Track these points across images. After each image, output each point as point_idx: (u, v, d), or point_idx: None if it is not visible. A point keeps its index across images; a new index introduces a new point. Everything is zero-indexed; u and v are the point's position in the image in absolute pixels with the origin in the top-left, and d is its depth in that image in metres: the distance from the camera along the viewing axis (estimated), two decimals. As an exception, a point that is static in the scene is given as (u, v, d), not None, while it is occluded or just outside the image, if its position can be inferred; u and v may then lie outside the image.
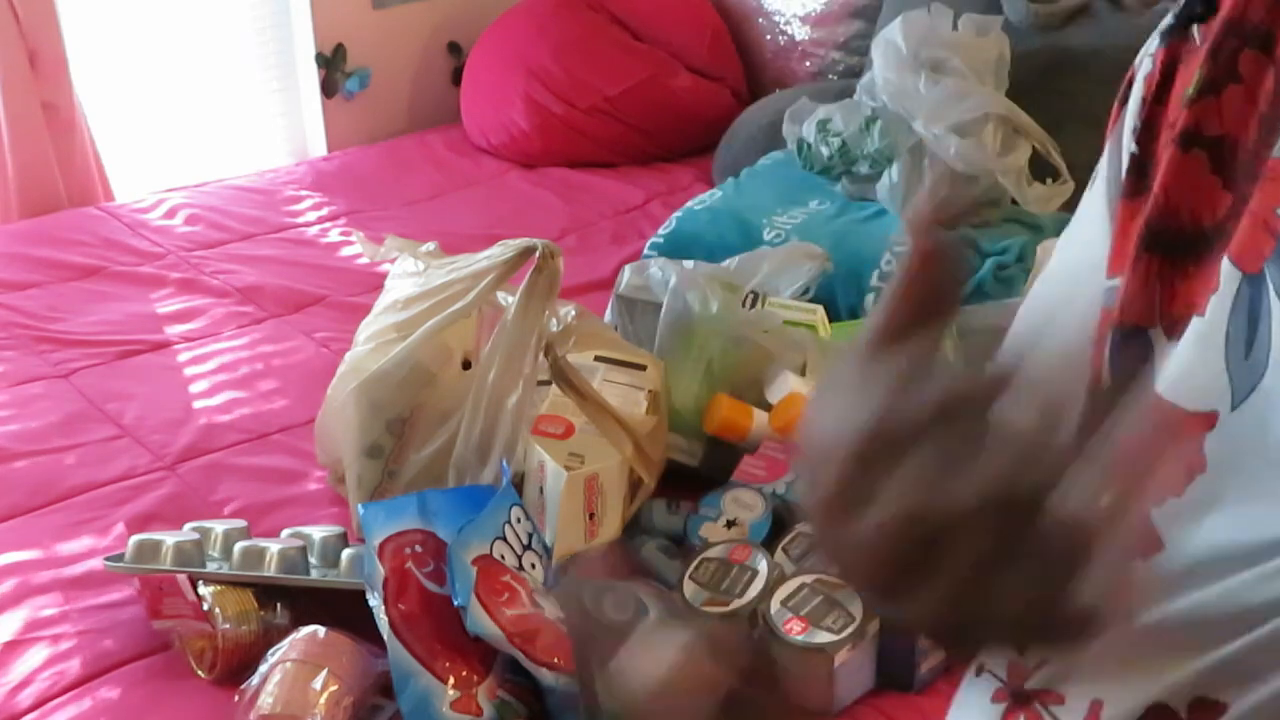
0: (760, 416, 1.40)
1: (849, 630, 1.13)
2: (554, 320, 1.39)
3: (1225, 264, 0.45)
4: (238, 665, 1.19)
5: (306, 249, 2.29)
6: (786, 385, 1.40)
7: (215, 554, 1.32)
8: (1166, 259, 0.48)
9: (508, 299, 1.38)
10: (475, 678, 1.11)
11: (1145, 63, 0.53)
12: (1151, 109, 0.51)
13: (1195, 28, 0.50)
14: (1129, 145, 0.52)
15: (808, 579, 1.18)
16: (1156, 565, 0.46)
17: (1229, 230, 0.46)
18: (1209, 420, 0.45)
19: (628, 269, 1.68)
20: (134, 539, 1.31)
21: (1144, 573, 0.45)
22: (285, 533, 1.38)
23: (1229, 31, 0.47)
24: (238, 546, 1.29)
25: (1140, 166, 0.51)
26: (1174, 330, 0.48)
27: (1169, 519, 0.46)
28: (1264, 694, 0.44)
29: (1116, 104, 0.55)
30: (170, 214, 2.39)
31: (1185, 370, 0.46)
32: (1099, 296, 0.53)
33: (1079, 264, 0.56)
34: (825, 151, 1.95)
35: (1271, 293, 0.44)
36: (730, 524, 1.30)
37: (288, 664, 1.12)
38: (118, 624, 1.31)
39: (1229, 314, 0.45)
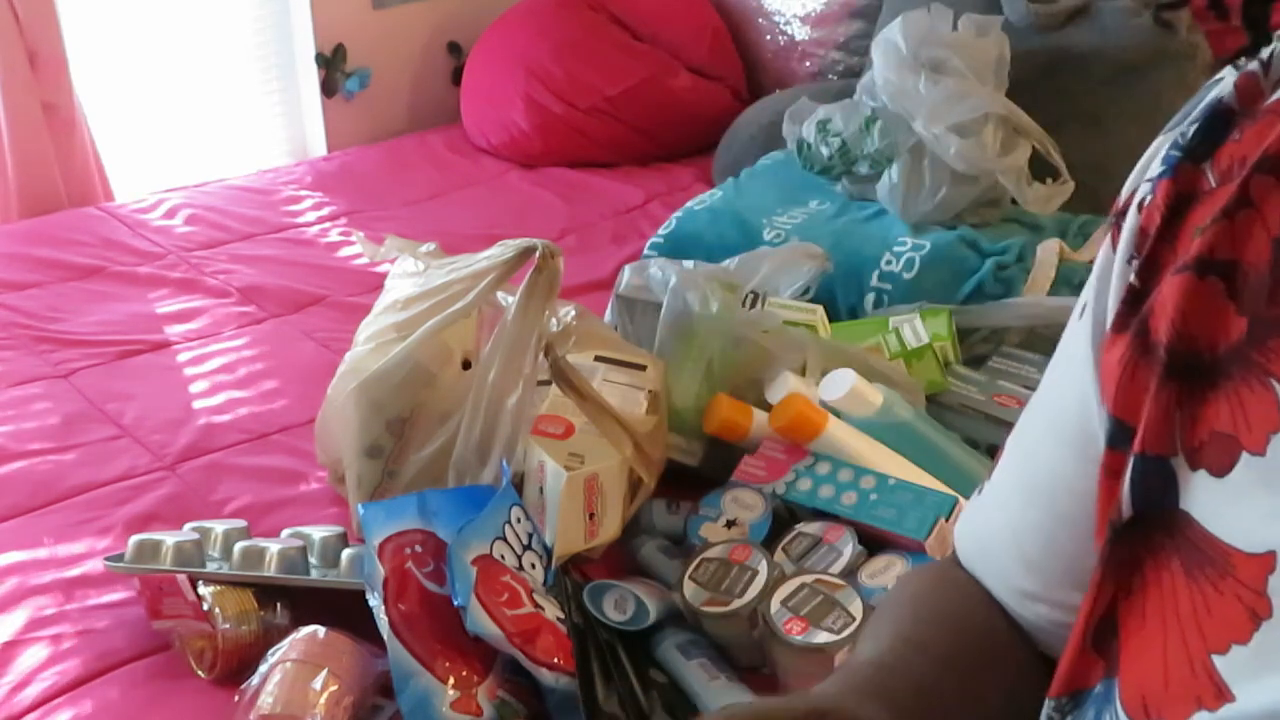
0: (760, 416, 1.40)
1: (849, 630, 1.13)
2: (554, 320, 1.39)
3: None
4: (238, 665, 1.19)
5: (306, 249, 2.29)
6: (786, 385, 1.40)
7: (215, 554, 1.32)
8: (1184, 387, 0.47)
9: (508, 299, 1.38)
10: (475, 678, 1.11)
11: (1143, 189, 0.52)
12: (1156, 245, 0.50)
13: (1209, 167, 0.49)
14: (1126, 276, 0.51)
15: (808, 579, 1.18)
16: (1223, 718, 0.43)
17: (1247, 356, 0.45)
18: (1268, 562, 0.43)
19: (628, 269, 1.68)
20: (134, 539, 1.31)
21: None
22: (285, 533, 1.38)
23: (1260, 168, 0.46)
24: (238, 546, 1.29)
25: (1137, 297, 0.50)
26: (1196, 459, 0.46)
27: (1236, 668, 0.43)
28: None
29: (1108, 230, 0.53)
30: (170, 214, 2.39)
31: (1239, 509, 0.44)
32: (1093, 429, 0.52)
33: (1066, 397, 0.55)
34: (825, 151, 1.95)
35: None
36: (730, 524, 1.30)
37: (288, 664, 1.12)
38: (118, 624, 1.31)
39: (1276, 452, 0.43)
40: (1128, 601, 0.48)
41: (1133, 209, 0.52)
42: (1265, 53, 0.50)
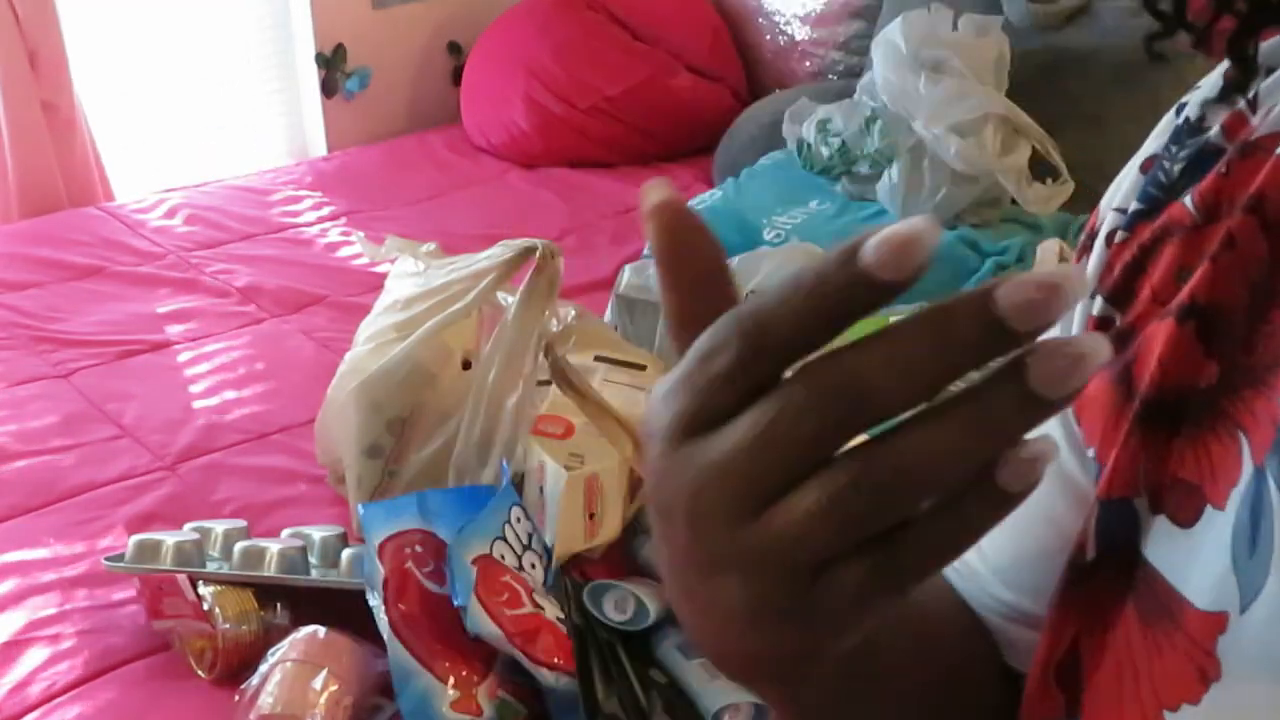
0: (760, 416, 1.39)
1: (849, 630, 1.13)
2: (554, 320, 1.39)
3: (1245, 457, 0.43)
4: (238, 665, 1.19)
5: (306, 249, 2.29)
6: (786, 385, 1.40)
7: (215, 554, 1.32)
8: (1154, 429, 0.46)
9: (508, 299, 1.38)
10: (475, 678, 1.11)
11: (1112, 218, 0.51)
12: (1127, 279, 0.49)
13: (1190, 199, 0.48)
14: (1089, 309, 0.50)
15: (808, 579, 1.18)
16: None
17: (1217, 404, 0.44)
18: (1219, 622, 0.42)
19: (628, 269, 1.68)
20: (134, 539, 1.31)
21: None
22: (285, 533, 1.38)
23: (1245, 209, 0.45)
24: (238, 546, 1.29)
25: (1115, 334, 0.49)
26: (1159, 503, 0.45)
27: None
28: None
29: (1080, 250, 0.52)
30: (170, 214, 2.39)
31: (1197, 565, 0.43)
32: (1069, 462, 0.51)
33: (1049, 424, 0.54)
34: (825, 151, 1.95)
35: (1272, 486, 0.41)
36: (730, 524, 1.30)
37: (288, 664, 1.12)
38: (118, 624, 1.31)
39: (1236, 508, 0.42)
40: (1089, 640, 0.47)
41: (1100, 240, 0.51)
42: (1250, 89, 0.49)
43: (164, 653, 1.27)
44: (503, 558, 1.16)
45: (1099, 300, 0.50)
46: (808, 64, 2.64)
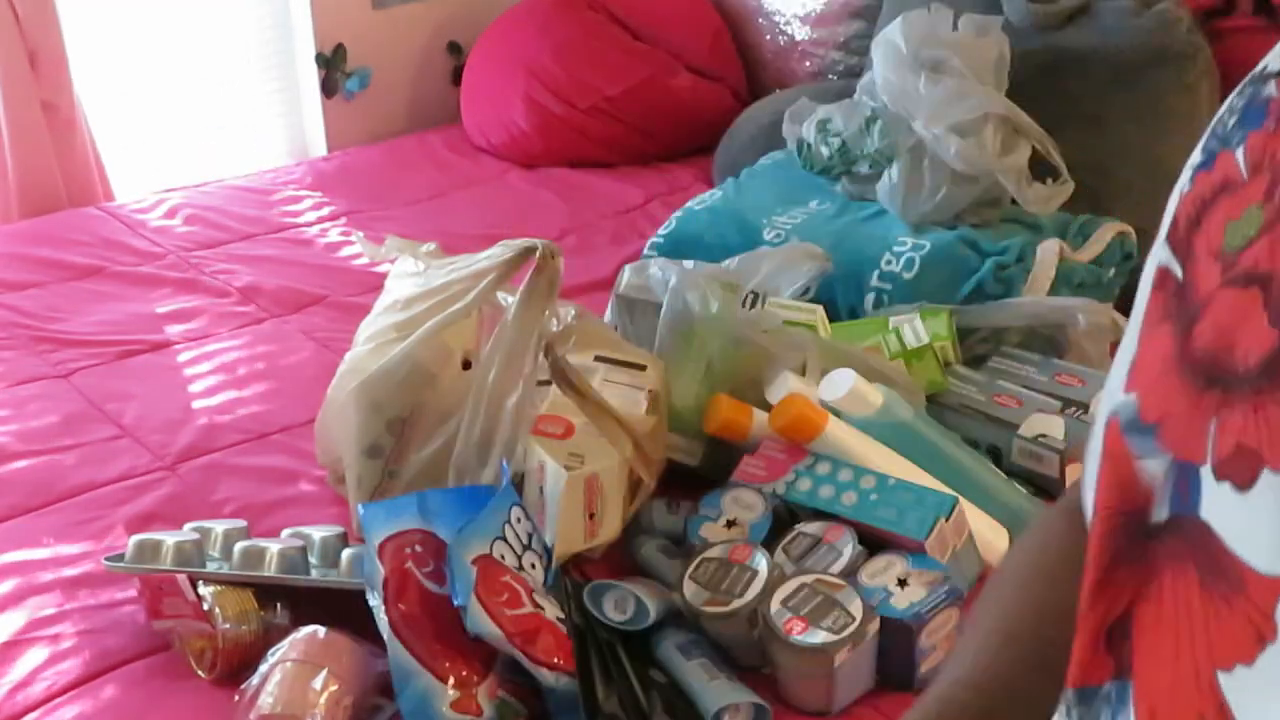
0: (760, 416, 1.40)
1: (849, 630, 1.13)
2: (554, 320, 1.39)
3: None
4: (238, 665, 1.19)
5: (306, 249, 2.29)
6: (786, 385, 1.40)
7: (215, 554, 1.32)
8: (1222, 397, 0.47)
9: (508, 299, 1.38)
10: (475, 678, 1.11)
11: (1183, 175, 0.52)
12: (1188, 233, 0.50)
13: (1240, 154, 0.49)
14: (1159, 256, 0.52)
15: (808, 579, 1.18)
16: None
17: (1275, 370, 0.45)
18: (1279, 586, 0.43)
19: (628, 269, 1.68)
20: (134, 539, 1.31)
21: None
22: (285, 533, 1.38)
23: None
24: (238, 546, 1.29)
25: (1176, 289, 0.50)
26: (1222, 470, 0.46)
27: (1239, 688, 0.43)
28: None
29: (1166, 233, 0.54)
30: (170, 214, 2.39)
31: (1256, 528, 0.44)
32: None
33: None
34: (825, 151, 1.95)
35: None
36: (730, 524, 1.30)
37: (288, 664, 1.12)
38: (118, 624, 1.31)
39: None
40: (1144, 604, 0.48)
41: (1175, 193, 0.52)
42: None
43: (164, 653, 1.27)
44: (503, 558, 1.16)
45: (1166, 250, 0.51)
46: (808, 64, 2.64)
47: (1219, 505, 0.45)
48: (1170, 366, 0.49)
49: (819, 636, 1.12)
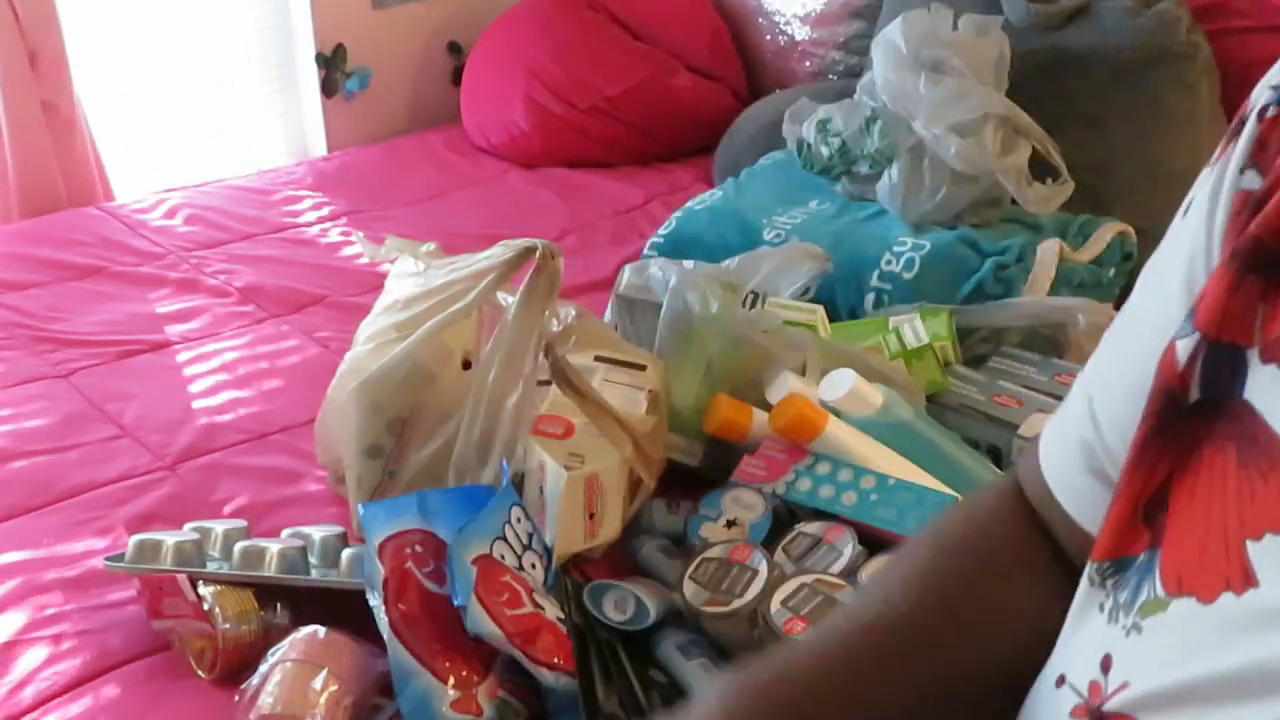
0: (760, 416, 1.40)
1: (849, 630, 1.13)
2: (554, 320, 1.39)
3: None
4: (238, 665, 1.19)
5: (306, 249, 2.29)
6: (786, 385, 1.40)
7: (215, 554, 1.32)
8: (1272, 282, 0.48)
9: (508, 299, 1.38)
10: (475, 678, 1.11)
11: (1266, 96, 0.52)
12: (1277, 153, 0.51)
13: None
14: (1237, 185, 0.52)
15: (808, 579, 1.18)
16: (1245, 603, 0.45)
17: None
18: None
19: (628, 269, 1.68)
20: (134, 539, 1.31)
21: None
22: (285, 533, 1.38)
23: None
24: (238, 546, 1.29)
25: (1252, 200, 0.51)
26: (1269, 353, 0.47)
27: (1266, 556, 0.45)
28: None
29: (1226, 139, 0.54)
30: (170, 214, 2.39)
31: None
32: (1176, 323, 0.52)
33: (1162, 293, 0.55)
34: (825, 151, 1.95)
35: None
36: (730, 524, 1.30)
37: (288, 664, 1.12)
38: (118, 624, 1.31)
39: None
40: (1181, 479, 0.50)
41: (1252, 117, 0.52)
42: None
43: (164, 653, 1.27)
44: (503, 558, 1.16)
45: (1250, 173, 0.52)
46: (808, 64, 2.64)
47: (1264, 386, 0.47)
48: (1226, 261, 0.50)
49: (819, 636, 1.12)
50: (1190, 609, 0.48)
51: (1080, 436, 0.61)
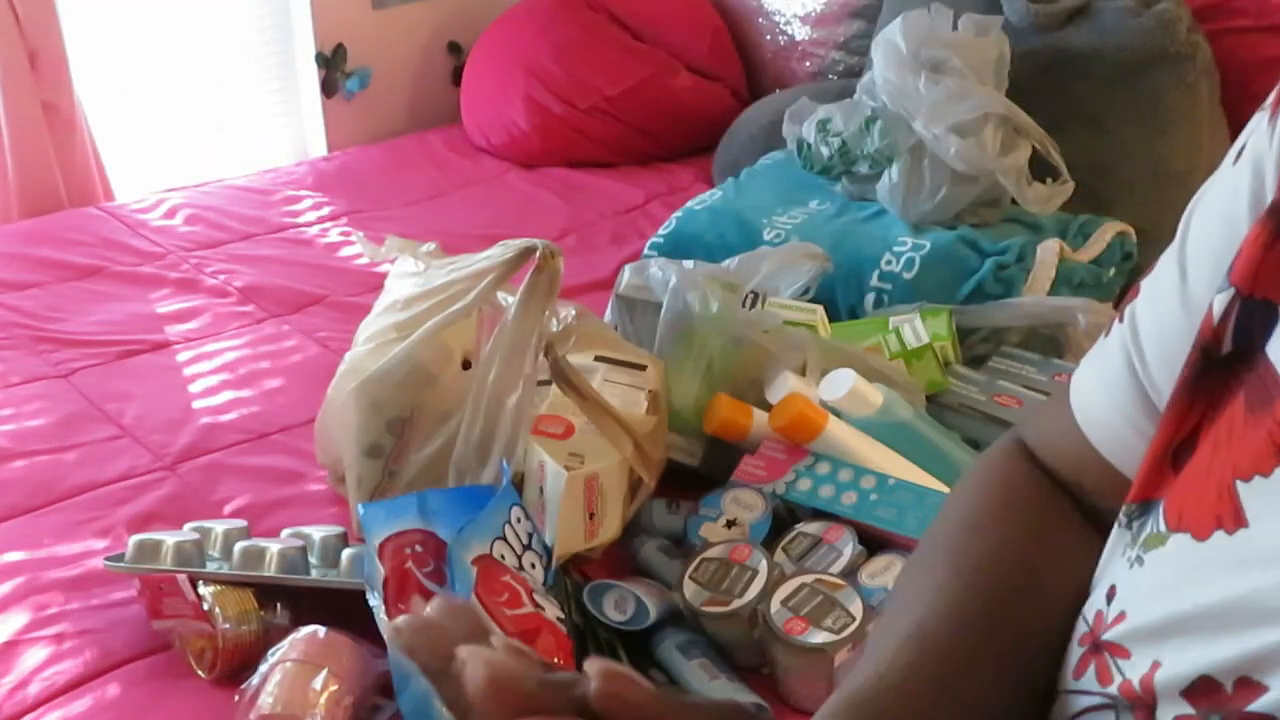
0: (760, 416, 1.40)
1: (849, 630, 1.13)
2: (554, 320, 1.39)
3: None
4: (238, 665, 1.19)
5: (306, 249, 2.29)
6: (786, 385, 1.40)
7: (215, 554, 1.32)
8: None
9: (508, 299, 1.38)
10: (475, 678, 1.11)
11: None
12: None
13: None
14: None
15: (808, 579, 1.18)
16: (1234, 541, 0.47)
17: None
18: None
19: (628, 269, 1.68)
20: (134, 539, 1.31)
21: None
22: (285, 533, 1.38)
23: None
24: (238, 546, 1.29)
25: None
26: None
27: (1255, 496, 0.47)
28: None
29: (1275, 99, 0.54)
30: (170, 214, 2.39)
31: None
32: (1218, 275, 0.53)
33: (1212, 235, 0.56)
34: (825, 151, 1.95)
35: None
36: (730, 524, 1.30)
37: (288, 664, 1.12)
38: (118, 624, 1.31)
39: None
40: (1208, 429, 0.52)
41: None
42: None
43: (164, 653, 1.27)
44: (503, 558, 1.16)
45: None
46: (808, 64, 2.64)
47: None
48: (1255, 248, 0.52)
49: (819, 636, 1.12)
50: (1185, 544, 0.49)
51: (1127, 379, 0.60)
